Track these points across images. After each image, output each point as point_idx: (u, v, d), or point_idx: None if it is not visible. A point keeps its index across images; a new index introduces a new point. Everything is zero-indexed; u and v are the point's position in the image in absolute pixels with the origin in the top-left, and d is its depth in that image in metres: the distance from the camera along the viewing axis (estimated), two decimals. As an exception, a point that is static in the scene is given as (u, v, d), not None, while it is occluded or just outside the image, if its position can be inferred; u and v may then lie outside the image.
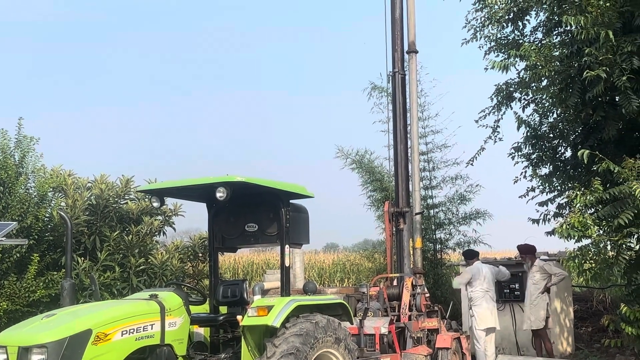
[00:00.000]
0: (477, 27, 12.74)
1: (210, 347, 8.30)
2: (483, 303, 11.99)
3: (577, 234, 8.71)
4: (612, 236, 8.65)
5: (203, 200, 8.73)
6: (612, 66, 9.26)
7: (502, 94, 13.07)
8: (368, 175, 17.04)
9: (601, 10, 9.29)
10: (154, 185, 8.78)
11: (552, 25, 11.65)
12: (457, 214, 16.89)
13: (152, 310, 7.18)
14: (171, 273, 12.04)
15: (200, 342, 8.21)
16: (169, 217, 12.81)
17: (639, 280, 9.17)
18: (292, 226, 8.23)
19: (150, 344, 7.13)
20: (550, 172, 12.80)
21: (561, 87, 10.63)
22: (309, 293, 8.43)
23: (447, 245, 16.98)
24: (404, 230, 11.62)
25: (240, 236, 8.58)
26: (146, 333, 7.06)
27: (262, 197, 8.22)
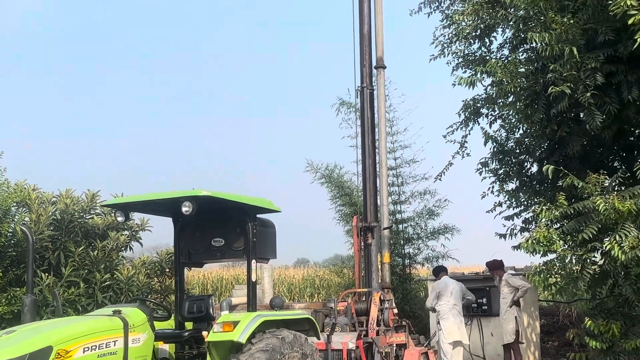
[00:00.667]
0: (444, 43, 12.84)
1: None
2: (450, 317, 12.04)
3: (542, 248, 8.77)
4: (576, 251, 8.73)
5: (169, 214, 8.66)
6: (577, 82, 9.37)
7: (469, 110, 13.17)
8: (337, 190, 17.08)
9: (565, 28, 9.42)
10: (119, 200, 8.70)
11: (517, 42, 11.77)
12: (425, 229, 16.99)
13: (115, 326, 7.09)
14: (137, 289, 11.88)
15: (165, 359, 8.12)
16: (136, 232, 12.66)
17: (603, 295, 9.26)
18: (259, 241, 8.20)
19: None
20: (517, 187, 12.91)
21: (527, 103, 10.74)
22: (276, 308, 8.39)
23: (415, 260, 17.05)
24: (372, 245, 11.62)
25: (207, 251, 8.53)
26: (109, 350, 6.96)
27: (228, 212, 8.18)
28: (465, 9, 12.07)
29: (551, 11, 9.77)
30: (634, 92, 9.51)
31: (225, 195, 7.69)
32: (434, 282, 12.78)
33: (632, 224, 8.32)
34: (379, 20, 12.53)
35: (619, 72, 9.66)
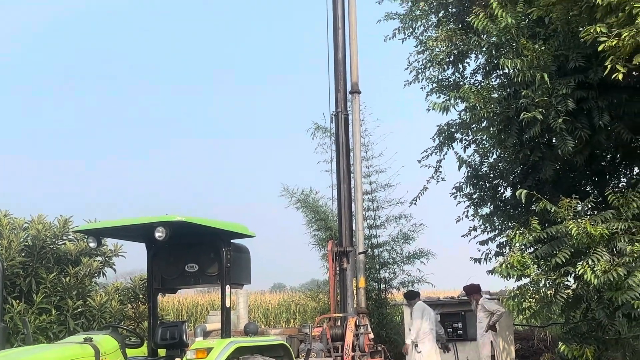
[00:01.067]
0: (419, 69, 12.96)
1: (148, 391, 8.10)
2: (427, 342, 12.05)
3: (516, 273, 8.82)
4: (550, 275, 8.77)
5: (142, 240, 8.60)
6: (548, 108, 9.48)
7: (443, 135, 13.26)
8: (313, 214, 17.06)
9: (537, 54, 9.55)
10: (91, 226, 8.62)
11: (490, 68, 11.92)
12: (401, 253, 17.00)
13: (85, 354, 6.99)
14: (110, 315, 11.76)
15: (137, 386, 8.02)
16: (109, 257, 12.55)
17: (576, 319, 9.30)
18: (233, 266, 8.15)
19: (83, 389, 6.92)
20: (491, 211, 12.99)
21: (500, 128, 10.84)
22: (250, 334, 8.33)
23: (391, 285, 17.04)
24: (347, 270, 11.58)
25: (180, 277, 8.46)
26: (80, 378, 6.86)
27: (202, 237, 8.14)
28: (438, 35, 12.22)
29: (523, 38, 9.91)
30: (604, 117, 9.64)
31: (199, 220, 7.65)
32: (410, 306, 12.72)
33: (604, 248, 8.39)
34: (354, 46, 12.61)
35: (590, 98, 9.79)
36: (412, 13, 13.15)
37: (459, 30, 12.20)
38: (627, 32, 8.20)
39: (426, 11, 13.07)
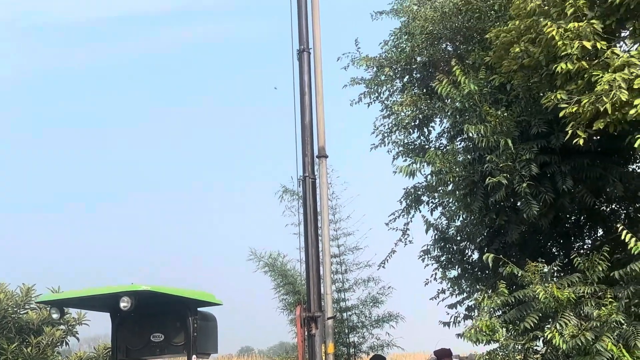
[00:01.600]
0: (385, 132, 13.11)
1: None
2: None
3: (485, 338, 8.79)
4: (519, 340, 8.76)
5: (106, 310, 8.48)
6: (512, 173, 9.62)
7: (410, 197, 13.33)
8: (281, 278, 16.91)
9: (499, 120, 9.74)
10: (54, 296, 8.49)
11: (455, 133, 12.08)
12: (370, 317, 16.84)
13: None
14: (73, 386, 11.48)
15: None
16: (73, 326, 12.31)
17: (546, 384, 9.28)
18: (200, 335, 8.06)
19: None
20: (459, 274, 12.99)
21: (465, 192, 10.94)
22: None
23: (360, 349, 16.82)
24: (316, 336, 11.42)
25: (146, 347, 8.34)
26: None
27: (168, 306, 8.04)
28: (404, 100, 12.43)
29: (485, 104, 10.12)
30: (567, 182, 9.80)
31: (165, 289, 7.57)
32: None
33: (572, 312, 8.42)
34: (320, 111, 12.68)
35: (553, 162, 9.95)
36: (378, 78, 13.37)
37: (423, 95, 12.42)
38: (587, 99, 8.41)
39: (391, 76, 13.30)
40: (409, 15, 12.92)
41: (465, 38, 12.27)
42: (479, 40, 11.83)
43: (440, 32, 12.39)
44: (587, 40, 8.61)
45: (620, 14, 8.85)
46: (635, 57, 8.37)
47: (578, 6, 8.81)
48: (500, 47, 10.09)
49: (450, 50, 12.75)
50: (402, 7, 13.23)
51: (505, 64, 9.96)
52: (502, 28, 10.05)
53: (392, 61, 13.02)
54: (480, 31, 11.73)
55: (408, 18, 12.94)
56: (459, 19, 12.09)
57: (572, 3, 8.83)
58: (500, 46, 10.07)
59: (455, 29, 12.26)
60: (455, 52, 12.52)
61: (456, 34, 12.36)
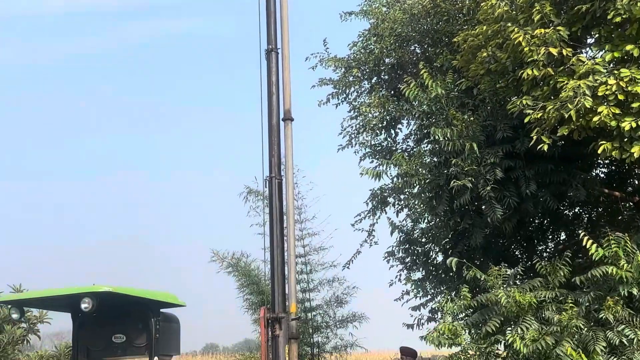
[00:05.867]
0: (352, 134, 13.11)
1: None
2: None
3: (447, 341, 8.83)
4: (480, 343, 8.81)
5: (68, 310, 8.36)
6: (477, 177, 9.68)
7: (376, 199, 13.35)
8: (245, 279, 16.83)
9: (466, 124, 9.80)
10: (15, 296, 8.37)
11: (422, 135, 12.12)
12: (334, 317, 16.85)
13: None
14: (33, 385, 11.32)
15: None
16: (34, 324, 12.13)
17: (507, 387, 9.34)
18: (162, 336, 7.98)
19: None
20: (423, 276, 13.05)
21: (431, 195, 10.99)
22: (178, 408, 8.09)
23: (324, 349, 16.82)
24: (280, 337, 11.39)
25: (107, 348, 8.23)
26: None
27: (130, 307, 7.95)
28: (371, 101, 12.44)
29: (452, 107, 10.18)
30: (531, 186, 9.88)
31: (127, 290, 7.48)
32: None
33: (533, 316, 8.49)
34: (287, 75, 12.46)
35: (517, 167, 10.04)
36: (346, 79, 13.37)
37: (391, 97, 12.45)
38: (552, 105, 8.50)
39: (359, 77, 13.31)
40: (378, 16, 12.94)
41: (434, 41, 12.32)
42: (447, 43, 11.89)
43: (409, 34, 12.44)
44: (553, 47, 8.71)
45: (585, 21, 8.96)
46: (600, 64, 8.48)
47: (545, 13, 8.90)
48: (467, 51, 10.15)
49: (419, 52, 12.81)
50: (371, 8, 13.24)
51: (472, 68, 10.02)
52: (470, 32, 10.12)
53: (361, 62, 13.04)
54: (449, 34, 11.81)
55: (377, 20, 12.96)
56: (428, 22, 12.15)
57: (539, 10, 8.91)
58: (468, 50, 10.14)
59: (423, 31, 12.32)
60: (424, 54, 12.57)
61: (424, 37, 12.41)
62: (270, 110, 12.08)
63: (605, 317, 8.00)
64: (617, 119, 8.13)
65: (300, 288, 16.54)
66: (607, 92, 8.13)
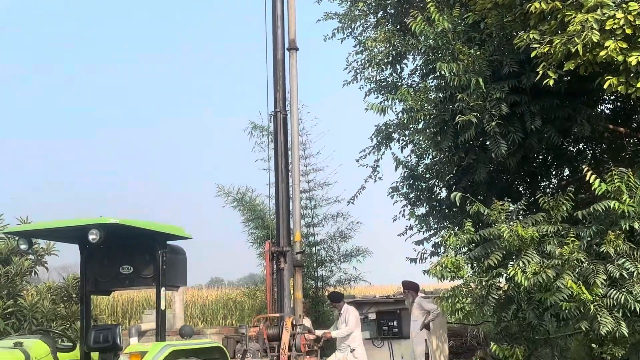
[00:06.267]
0: (357, 69, 13.05)
1: (79, 395, 7.98)
2: (361, 345, 12.18)
3: (450, 274, 8.95)
4: (482, 276, 8.94)
5: (75, 241, 8.45)
6: (483, 112, 9.66)
7: (381, 135, 13.37)
8: (250, 213, 17.00)
9: (472, 59, 9.72)
10: (22, 227, 8.44)
11: (428, 71, 12.06)
12: (338, 252, 17.08)
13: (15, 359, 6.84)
14: (42, 315, 11.51)
15: (70, 391, 7.89)
16: (41, 256, 12.26)
17: (507, 319, 9.51)
18: (169, 268, 8.08)
19: (13, 396, 6.78)
20: (427, 211, 13.15)
21: (436, 131, 11.00)
22: (186, 337, 8.27)
23: (328, 283, 17.10)
24: (284, 270, 11.57)
25: (115, 279, 8.34)
26: (9, 384, 6.72)
27: (137, 239, 8.04)
28: (377, 36, 12.33)
29: (458, 42, 10.08)
30: (536, 121, 9.87)
31: (134, 222, 7.56)
32: (337, 308, 12.66)
33: (534, 250, 8.59)
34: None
35: (523, 102, 10.00)
36: (351, 13, 13.24)
37: (397, 31, 12.32)
38: (559, 40, 8.42)
39: (365, 12, 13.18)
40: (385, -51, 12.73)
41: (441, -27, 12.14)
42: (454, -24, 11.71)
43: (416, -34, 12.26)
44: (562, -21, 8.57)
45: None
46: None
47: (553, -56, 8.73)
48: (475, -17, 10.01)
49: (425, -15, 12.63)
50: (377, -60, 13.02)
51: (479, 1, 9.88)
52: (477, -36, 9.95)
53: (366, -5, 12.89)
54: (457, -34, 11.61)
55: (383, -48, 12.75)
56: (435, -47, 11.95)
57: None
58: (475, -17, 9.99)
59: (431, -37, 12.12)
60: (431, -13, 12.39)
61: (432, -31, 12.22)
62: (275, 44, 12.01)
63: (606, 251, 8.09)
64: (624, 53, 8.06)
65: (305, 223, 16.70)
66: (614, 26, 8.03)
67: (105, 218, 7.26)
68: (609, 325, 7.79)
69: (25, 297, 11.48)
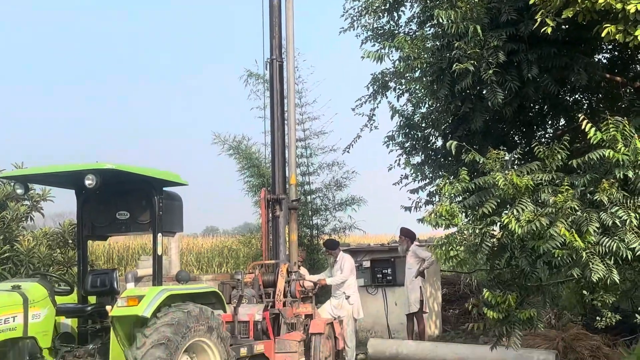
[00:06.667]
0: (354, 16, 12.93)
1: (78, 339, 8.09)
2: (355, 293, 12.34)
3: (444, 222, 8.97)
4: (476, 224, 8.97)
5: (72, 187, 8.48)
6: (480, 60, 9.60)
7: (377, 83, 13.34)
8: (245, 161, 17.03)
9: (470, 6, 9.62)
10: (18, 172, 8.45)
11: (425, 18, 11.95)
12: (333, 200, 17.17)
13: (14, 302, 6.93)
14: (39, 260, 11.61)
15: (67, 334, 8.00)
16: (37, 202, 12.31)
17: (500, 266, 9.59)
18: (165, 214, 8.13)
19: (12, 337, 6.91)
20: (422, 160, 13.20)
21: (432, 79, 10.94)
22: (182, 282, 8.36)
23: (323, 231, 17.24)
24: (280, 217, 11.64)
25: (111, 224, 8.39)
26: (8, 325, 6.83)
27: (134, 185, 8.08)
28: (374, -18, 12.18)
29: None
30: (533, 70, 9.82)
31: (130, 168, 7.58)
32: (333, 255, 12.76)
33: (529, 199, 8.60)
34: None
35: (520, 50, 9.93)
36: (348, -43, 13.06)
37: (394, -24, 12.19)
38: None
39: (362, -42, 12.99)
40: None
41: None
42: None
43: None
44: None
45: None
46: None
47: None
48: None
49: None
50: None
51: (478, -53, 9.76)
52: None
53: (362, -61, 12.69)
54: None
55: None
56: None
57: None
58: None
59: None
60: None
61: None
62: (271, -10, 11.87)
63: (600, 199, 8.10)
64: (623, 1, 7.98)
65: (300, 172, 16.75)
66: (614, -27, 7.94)
67: (101, 163, 7.28)
68: (601, 272, 7.84)
69: (22, 242, 11.55)
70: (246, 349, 9.51)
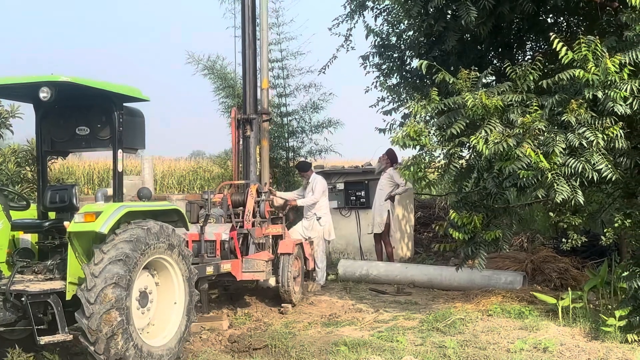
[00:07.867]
0: None
1: (38, 254, 8.02)
2: (327, 215, 12.31)
3: (412, 143, 8.84)
4: (445, 145, 8.85)
5: (29, 100, 8.29)
6: (453, -24, 9.31)
7: (355, 2, 13.02)
8: (220, 82, 16.76)
9: None
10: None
11: None
12: (309, 122, 17.01)
13: (-36, 215, 6.81)
14: (7, 178, 11.49)
15: (26, 249, 7.92)
16: (5, 119, 12.09)
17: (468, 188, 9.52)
18: (127, 130, 7.96)
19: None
20: (398, 82, 13.00)
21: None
22: (143, 199, 8.26)
23: (299, 154, 17.13)
24: (250, 138, 11.53)
25: (71, 140, 8.22)
26: (-42, 238, 6.72)
27: (94, 100, 7.88)
28: None
29: None
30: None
31: (87, 81, 7.35)
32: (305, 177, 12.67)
33: (498, 119, 8.46)
34: None
35: (495, -33, 9.62)
36: None
37: None
38: None
39: None
40: None
41: None
42: None
43: None
44: None
45: None
46: None
47: None
48: None
49: None
50: None
51: None
52: None
53: None
54: None
55: None
56: None
57: None
58: None
59: None
60: None
61: None
62: None
63: (568, 120, 7.97)
64: None
65: (277, 93, 16.53)
66: None
67: (56, 76, 7.06)
68: (565, 194, 7.76)
69: (-11, 159, 11.39)
70: (212, 267, 9.50)
